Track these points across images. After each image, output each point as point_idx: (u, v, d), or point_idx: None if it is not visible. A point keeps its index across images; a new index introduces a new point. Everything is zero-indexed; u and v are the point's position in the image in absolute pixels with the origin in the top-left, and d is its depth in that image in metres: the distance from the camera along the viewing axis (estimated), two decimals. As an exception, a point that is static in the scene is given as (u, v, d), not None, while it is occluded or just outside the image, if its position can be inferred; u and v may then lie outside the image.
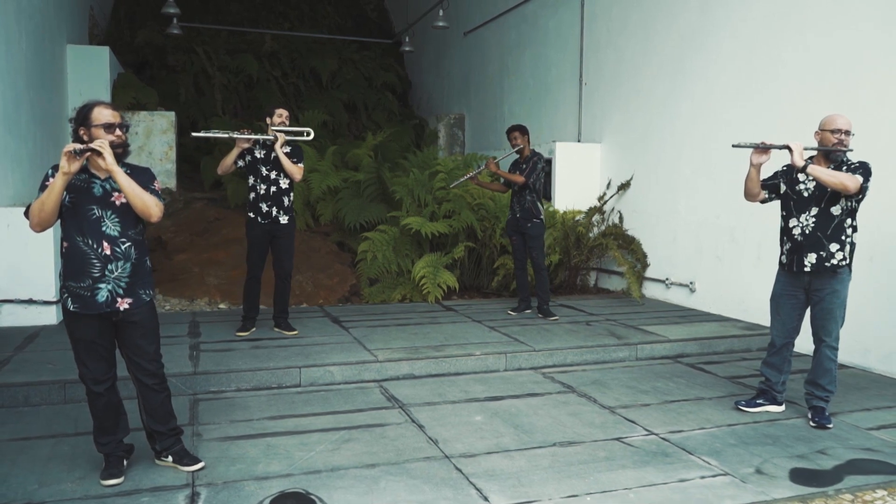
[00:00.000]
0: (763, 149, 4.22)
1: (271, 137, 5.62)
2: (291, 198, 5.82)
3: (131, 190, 3.25)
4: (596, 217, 8.79)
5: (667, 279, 7.87)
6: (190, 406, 4.54)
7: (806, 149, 4.21)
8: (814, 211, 4.25)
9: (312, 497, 3.28)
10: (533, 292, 7.21)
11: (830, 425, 4.29)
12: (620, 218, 8.63)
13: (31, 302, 6.15)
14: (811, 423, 4.33)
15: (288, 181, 5.74)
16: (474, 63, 12.63)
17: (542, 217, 6.91)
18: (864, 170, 4.12)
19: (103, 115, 3.26)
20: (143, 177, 3.40)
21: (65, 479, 3.42)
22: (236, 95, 12.40)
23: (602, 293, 8.66)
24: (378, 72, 14.21)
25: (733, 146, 4.41)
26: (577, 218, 8.66)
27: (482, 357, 5.47)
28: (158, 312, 7.11)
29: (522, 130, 6.96)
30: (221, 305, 7.64)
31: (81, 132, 3.28)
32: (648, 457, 3.82)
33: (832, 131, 4.19)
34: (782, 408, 4.59)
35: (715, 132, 7.09)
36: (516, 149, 6.90)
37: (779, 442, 4.07)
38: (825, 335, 4.30)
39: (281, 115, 5.77)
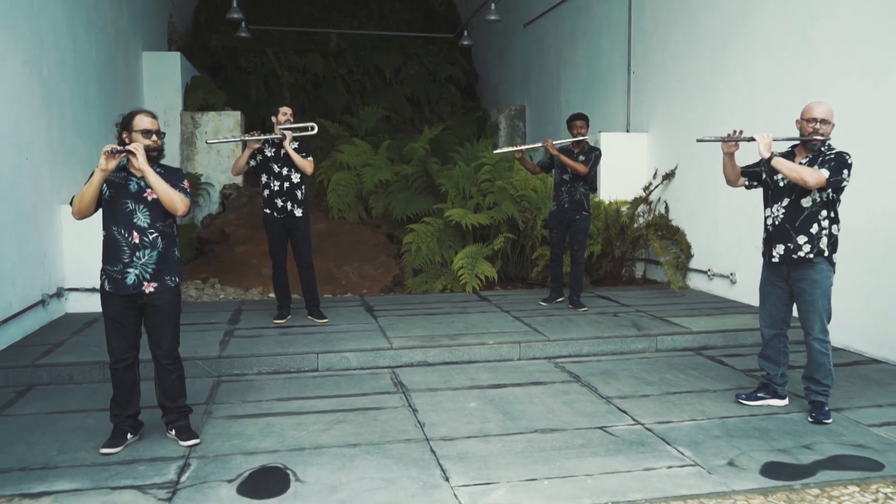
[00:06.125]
0: (730, 141, 4.25)
1: (279, 136, 5.94)
2: (304, 191, 6.13)
3: (159, 186, 3.68)
4: (642, 207, 8.71)
5: (709, 270, 7.73)
6: (212, 387, 4.93)
7: (776, 139, 4.22)
8: (785, 202, 4.25)
9: (288, 471, 3.56)
10: (566, 283, 7.26)
11: (828, 420, 4.20)
12: (666, 208, 8.52)
13: (94, 290, 6.75)
14: (809, 419, 4.25)
15: (299, 175, 6.05)
16: (534, 54, 12.65)
17: (590, 210, 6.89)
18: (836, 163, 4.05)
19: (143, 122, 3.73)
20: (173, 176, 3.83)
21: (81, 448, 3.84)
22: (304, 94, 12.94)
23: (649, 284, 8.59)
24: (443, 66, 14.44)
25: (697, 141, 4.52)
26: (622, 208, 8.60)
27: (495, 346, 5.62)
28: (215, 300, 7.70)
29: (587, 120, 6.87)
30: (272, 295, 8.08)
31: (124, 135, 3.75)
32: (624, 446, 3.89)
33: (807, 120, 4.17)
34: (785, 401, 4.52)
35: (752, 118, 6.91)
36: (579, 139, 6.79)
37: (766, 435, 4.03)
38: (810, 328, 4.24)
39: (285, 113, 6.09)
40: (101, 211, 3.75)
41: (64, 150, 6.83)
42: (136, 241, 3.71)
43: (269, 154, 6.07)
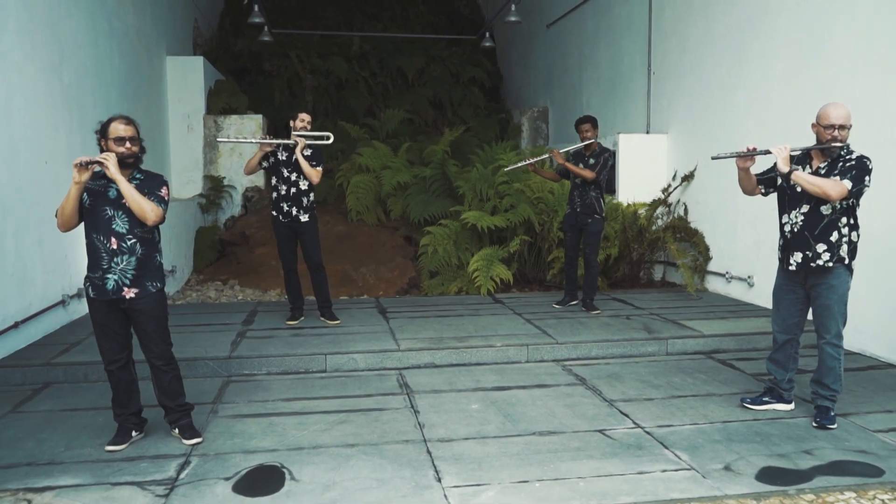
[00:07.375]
0: (746, 156, 4.15)
1: (292, 142, 6.01)
2: (311, 197, 6.19)
3: (130, 195, 3.68)
4: (661, 209, 8.64)
5: (727, 273, 7.65)
6: (221, 386, 5.02)
7: (793, 151, 4.11)
8: (804, 209, 4.13)
9: (284, 470, 3.62)
10: (580, 285, 7.23)
11: (833, 426, 4.14)
12: (685, 210, 8.44)
13: (114, 291, 6.91)
14: (813, 424, 4.19)
15: (307, 182, 6.13)
16: (556, 55, 12.61)
17: (603, 214, 6.85)
18: (857, 171, 3.94)
19: (117, 129, 3.73)
20: (152, 183, 3.84)
21: (88, 445, 3.95)
22: (327, 96, 13.05)
23: (667, 287, 8.51)
24: (466, 67, 14.43)
25: (713, 158, 4.42)
26: (640, 211, 8.54)
27: (503, 348, 5.63)
28: (233, 301, 7.82)
29: (594, 123, 6.81)
30: (289, 296, 8.19)
31: (101, 143, 3.78)
32: (621, 449, 3.88)
33: (825, 127, 4.01)
34: (790, 406, 4.46)
35: (769, 119, 6.84)
36: (587, 142, 6.75)
37: (767, 440, 3.99)
38: (824, 332, 4.16)
39: (303, 119, 6.15)
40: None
41: (85, 154, 6.98)
42: (114, 246, 3.72)
43: (281, 158, 6.16)
